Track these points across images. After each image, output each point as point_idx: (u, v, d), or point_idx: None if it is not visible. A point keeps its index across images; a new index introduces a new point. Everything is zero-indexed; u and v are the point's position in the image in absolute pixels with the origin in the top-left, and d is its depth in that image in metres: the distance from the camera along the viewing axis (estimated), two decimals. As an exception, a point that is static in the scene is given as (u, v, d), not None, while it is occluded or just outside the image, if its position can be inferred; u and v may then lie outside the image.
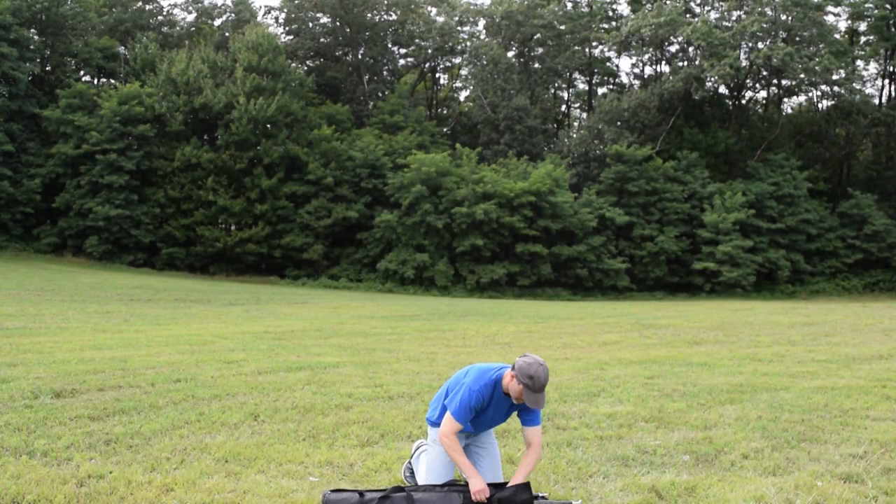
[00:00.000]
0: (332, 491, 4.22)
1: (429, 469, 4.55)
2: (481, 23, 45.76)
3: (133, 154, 35.72)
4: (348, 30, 45.08)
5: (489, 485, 4.30)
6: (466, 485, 4.31)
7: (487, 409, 4.47)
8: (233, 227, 38.16)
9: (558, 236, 36.49)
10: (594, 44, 45.68)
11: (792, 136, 45.32)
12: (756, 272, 36.77)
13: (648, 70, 47.19)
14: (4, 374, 7.72)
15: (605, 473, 4.92)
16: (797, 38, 39.69)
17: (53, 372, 7.93)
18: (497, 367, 4.52)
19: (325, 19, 45.68)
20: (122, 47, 42.24)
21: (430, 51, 46.86)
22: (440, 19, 45.61)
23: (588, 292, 36.42)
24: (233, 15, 47.19)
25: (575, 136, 43.56)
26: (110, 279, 26.43)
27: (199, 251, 36.48)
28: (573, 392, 7.68)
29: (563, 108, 51.56)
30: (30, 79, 38.56)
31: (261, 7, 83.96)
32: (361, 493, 4.16)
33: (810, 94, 45.84)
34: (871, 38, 43.30)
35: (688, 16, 41.14)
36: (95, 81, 42.57)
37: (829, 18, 42.57)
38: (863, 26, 43.95)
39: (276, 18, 48.04)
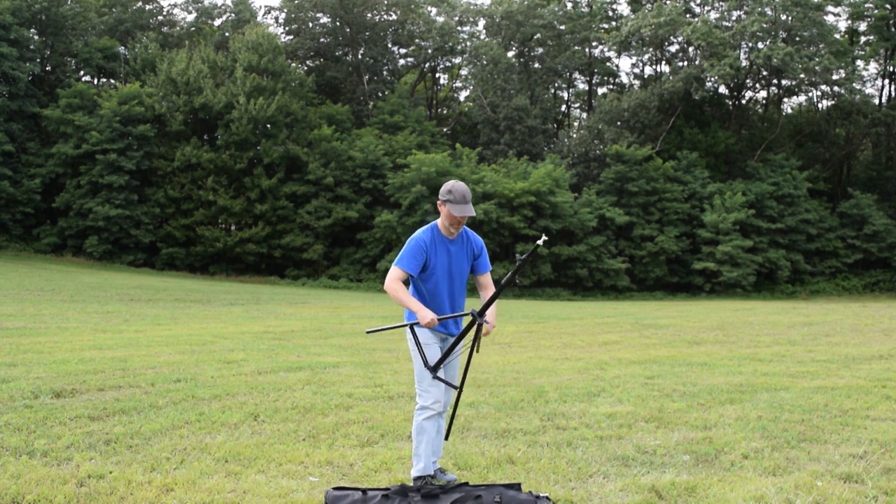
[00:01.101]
0: (335, 489, 4.22)
1: (418, 377, 4.61)
2: (481, 23, 45.79)
3: (133, 154, 35.72)
4: (348, 30, 45.09)
5: (504, 486, 4.32)
6: (469, 486, 4.31)
7: (433, 255, 4.60)
8: (233, 227, 38.16)
9: (558, 236, 36.49)
10: (594, 44, 45.69)
11: (792, 136, 45.33)
12: (756, 272, 36.78)
13: (648, 70, 47.24)
14: (4, 374, 7.72)
15: (605, 473, 4.92)
16: (797, 38, 39.70)
17: (53, 372, 7.93)
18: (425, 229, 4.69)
19: (325, 19, 45.69)
20: (122, 47, 42.23)
21: (430, 51, 46.86)
22: (440, 19, 45.61)
23: (588, 292, 36.42)
24: (233, 15, 47.19)
25: (575, 136, 43.56)
26: (110, 279, 26.43)
27: (199, 251, 36.48)
28: (573, 392, 7.68)
29: (563, 108, 51.57)
30: (30, 79, 38.56)
31: (261, 7, 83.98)
32: (364, 491, 4.16)
33: (810, 94, 45.88)
34: (871, 38, 43.30)
35: (688, 16, 41.15)
36: (95, 81, 42.58)
37: (829, 18, 42.64)
38: (863, 26, 43.96)
39: (276, 18, 48.14)
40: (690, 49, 42.20)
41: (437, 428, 4.62)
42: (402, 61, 49.17)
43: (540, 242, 4.16)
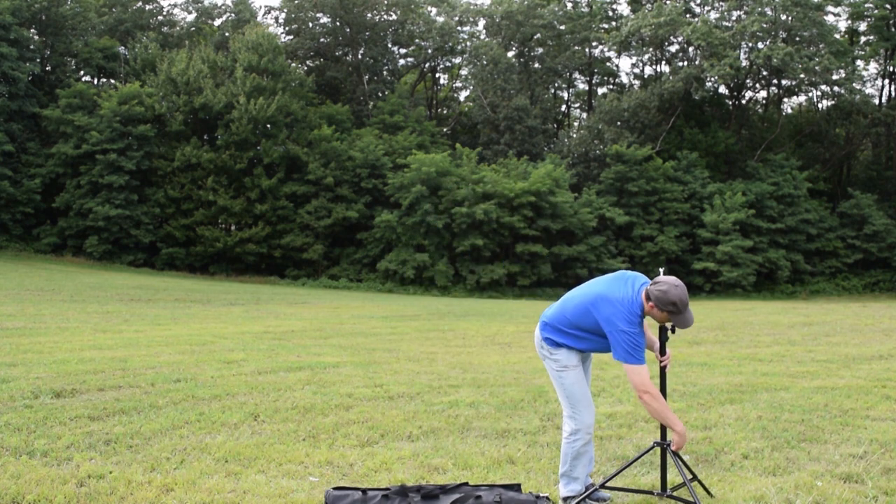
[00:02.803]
0: (335, 489, 4.22)
1: (572, 395, 4.34)
2: (481, 23, 45.79)
3: (133, 154, 35.71)
4: (348, 30, 45.08)
5: (504, 486, 4.32)
6: (469, 485, 4.31)
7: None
8: (233, 227, 38.16)
9: (558, 236, 36.49)
10: (594, 44, 45.69)
11: (792, 136, 45.34)
12: (756, 272, 36.78)
13: (648, 70, 47.25)
14: (4, 374, 7.72)
15: (605, 473, 4.92)
16: (797, 38, 39.70)
17: (53, 372, 7.93)
18: (634, 295, 4.18)
19: (325, 19, 45.69)
20: (122, 47, 42.21)
21: (430, 51, 46.86)
22: (440, 19, 45.61)
23: (588, 292, 36.37)
24: (233, 15, 47.18)
25: (575, 136, 43.57)
26: (110, 279, 26.43)
27: (199, 251, 36.47)
28: (573, 392, 7.67)
29: (563, 108, 51.58)
30: (30, 79, 38.54)
31: (261, 7, 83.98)
32: (364, 491, 4.16)
33: (810, 94, 45.88)
34: (871, 38, 43.30)
35: (688, 16, 41.15)
36: (95, 81, 42.56)
37: (829, 18, 42.63)
38: (863, 26, 43.96)
39: (276, 18, 48.12)
40: (690, 49, 42.21)
41: (592, 449, 4.46)
42: (402, 61, 49.20)
43: (661, 271, 4.44)
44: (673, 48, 44.28)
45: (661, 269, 4.60)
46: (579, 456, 4.36)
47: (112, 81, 41.27)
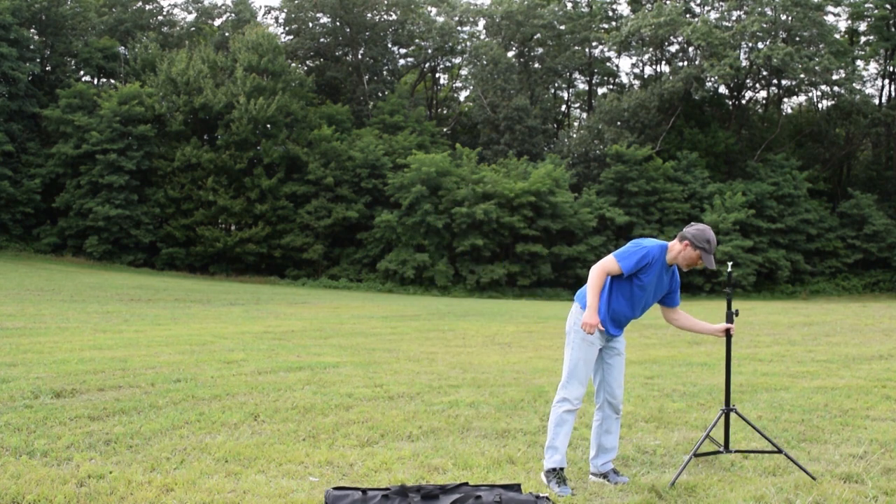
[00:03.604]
0: (335, 489, 4.22)
1: (574, 369, 4.71)
2: (481, 23, 45.80)
3: (133, 154, 35.72)
4: (348, 30, 45.09)
5: (504, 486, 4.32)
6: (469, 485, 4.31)
7: (650, 272, 4.67)
8: (233, 227, 38.17)
9: (558, 236, 36.49)
10: (594, 44, 45.69)
11: (792, 136, 45.33)
12: (756, 272, 36.78)
13: (648, 70, 47.25)
14: (4, 374, 7.72)
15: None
16: (797, 38, 39.70)
17: (53, 372, 7.93)
18: (644, 240, 4.78)
19: (325, 19, 45.70)
20: (122, 47, 42.22)
21: (430, 51, 46.86)
22: (440, 19, 45.62)
23: (588, 292, 36.36)
24: (233, 15, 47.19)
25: (575, 136, 43.57)
26: (110, 279, 26.43)
27: (199, 251, 36.48)
28: (573, 392, 7.67)
29: (563, 108, 51.58)
30: (30, 79, 38.55)
31: (261, 7, 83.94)
32: (364, 491, 4.16)
33: (810, 94, 45.88)
34: (871, 38, 43.30)
35: (688, 16, 41.15)
36: (95, 81, 42.56)
37: (829, 18, 42.63)
38: (863, 26, 43.96)
39: (276, 18, 48.13)
40: (690, 49, 42.21)
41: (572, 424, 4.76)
42: (402, 61, 49.20)
43: (730, 265, 5.14)
44: (673, 48, 44.30)
45: (730, 264, 5.28)
46: (562, 423, 4.68)
47: (112, 81, 41.27)
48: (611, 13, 46.28)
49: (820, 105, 46.81)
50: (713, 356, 10.76)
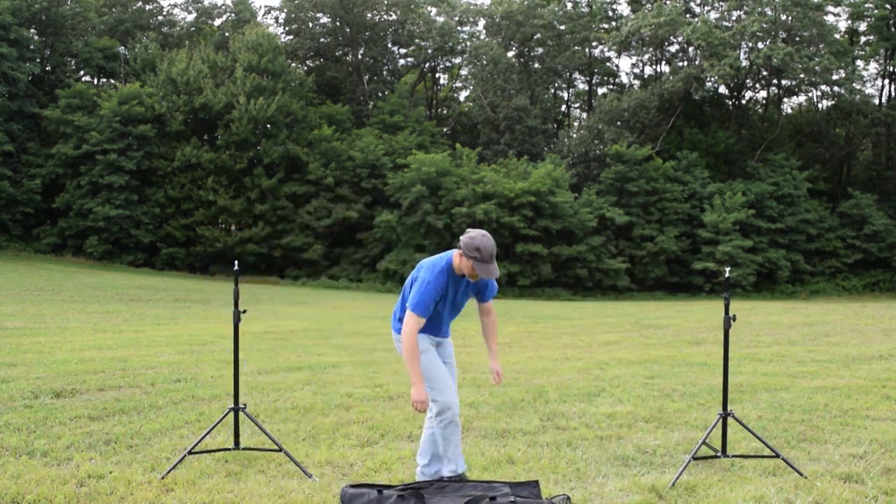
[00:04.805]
0: (352, 486, 4.21)
1: (430, 379, 4.58)
2: (481, 23, 45.77)
3: (133, 154, 35.72)
4: (348, 30, 45.09)
5: (521, 484, 4.31)
6: (484, 483, 4.30)
7: (447, 292, 4.54)
8: (233, 227, 38.17)
9: (558, 236, 36.47)
10: (594, 44, 45.67)
11: (792, 136, 45.32)
12: (756, 272, 36.76)
13: (648, 70, 47.23)
14: (4, 374, 7.72)
15: (605, 473, 4.92)
16: (797, 38, 39.69)
17: (53, 372, 7.93)
18: (446, 255, 4.60)
19: (325, 19, 45.69)
20: (122, 47, 42.22)
21: (430, 51, 46.85)
22: (440, 19, 45.60)
23: (588, 292, 36.40)
24: (233, 15, 47.19)
25: (575, 136, 43.56)
26: (110, 279, 26.43)
27: (199, 251, 36.48)
28: (573, 392, 7.68)
29: (563, 108, 51.56)
30: (30, 79, 38.55)
31: (261, 7, 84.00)
32: (380, 490, 4.15)
33: (810, 94, 45.85)
34: (871, 38, 43.28)
35: (688, 16, 41.13)
36: (95, 81, 42.56)
37: (829, 18, 42.58)
38: (863, 26, 43.94)
39: (276, 18, 48.12)
40: (690, 49, 42.20)
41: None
42: (402, 61, 49.18)
43: (727, 270, 5.27)
44: (673, 48, 44.29)
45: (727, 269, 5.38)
46: (450, 435, 4.56)
47: (112, 81, 41.27)
48: (611, 13, 46.27)
49: (820, 105, 46.81)
50: (713, 356, 10.76)
